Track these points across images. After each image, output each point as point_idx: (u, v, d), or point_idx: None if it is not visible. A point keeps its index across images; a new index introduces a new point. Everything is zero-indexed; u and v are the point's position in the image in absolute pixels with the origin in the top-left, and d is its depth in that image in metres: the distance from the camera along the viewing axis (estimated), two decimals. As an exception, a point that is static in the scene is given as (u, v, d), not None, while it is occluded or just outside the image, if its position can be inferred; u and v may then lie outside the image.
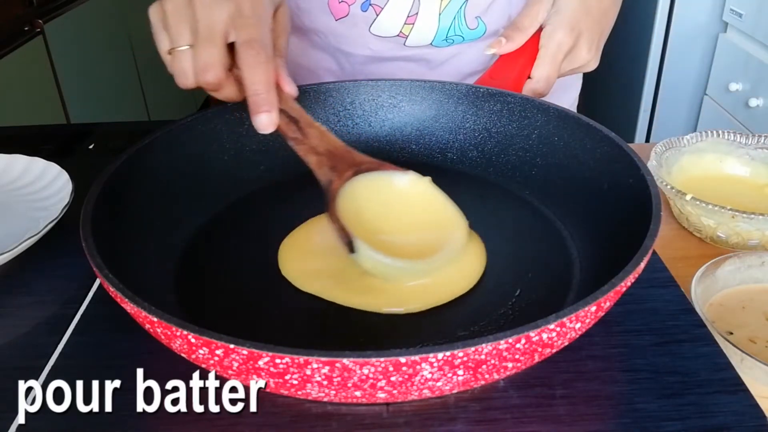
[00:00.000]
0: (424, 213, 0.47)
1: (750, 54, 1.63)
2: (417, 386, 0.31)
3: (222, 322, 0.36)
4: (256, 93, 0.43)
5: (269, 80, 0.44)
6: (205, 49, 0.44)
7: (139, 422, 0.36)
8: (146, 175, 0.48)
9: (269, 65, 0.44)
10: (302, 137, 0.46)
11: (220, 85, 0.45)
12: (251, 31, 0.44)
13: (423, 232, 0.47)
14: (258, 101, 0.43)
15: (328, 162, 0.46)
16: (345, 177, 0.46)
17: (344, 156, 0.47)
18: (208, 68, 0.44)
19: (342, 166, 0.46)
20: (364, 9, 0.69)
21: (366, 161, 0.47)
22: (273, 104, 0.44)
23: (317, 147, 0.47)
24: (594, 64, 0.63)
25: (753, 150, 0.65)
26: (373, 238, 0.44)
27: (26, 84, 1.61)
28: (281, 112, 0.45)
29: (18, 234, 0.52)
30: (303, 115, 0.47)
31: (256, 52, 0.43)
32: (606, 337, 0.41)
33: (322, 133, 0.47)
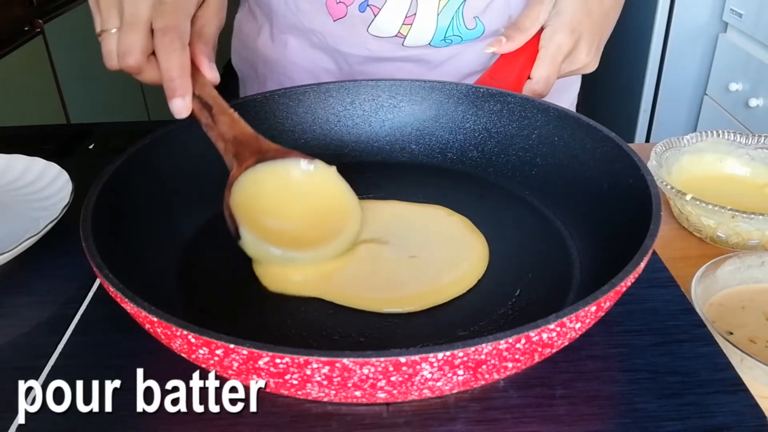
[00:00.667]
0: (323, 202, 0.48)
1: (750, 54, 1.63)
2: (417, 386, 0.31)
3: (222, 322, 0.36)
4: (171, 79, 0.44)
5: (183, 66, 0.45)
6: (127, 34, 0.45)
7: (139, 422, 0.36)
8: (146, 175, 0.48)
9: (184, 52, 0.45)
10: (213, 123, 0.47)
11: (140, 69, 0.46)
12: (167, 17, 0.45)
13: (318, 221, 0.48)
14: (172, 86, 0.45)
15: (232, 149, 0.47)
16: (246, 165, 0.47)
17: (250, 143, 0.47)
18: (128, 53, 0.45)
19: (245, 153, 0.47)
20: (362, 10, 0.69)
21: (272, 149, 0.48)
22: (187, 89, 0.45)
23: (225, 134, 0.47)
24: (593, 66, 0.64)
25: (753, 150, 0.65)
26: (266, 225, 0.46)
27: (26, 84, 1.61)
28: (197, 98, 0.47)
29: (18, 234, 0.52)
30: (218, 102, 0.48)
31: (170, 39, 0.44)
32: (606, 337, 0.41)
33: (233, 121, 0.48)
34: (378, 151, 0.59)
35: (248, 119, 0.56)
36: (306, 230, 0.47)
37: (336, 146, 0.59)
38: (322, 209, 0.48)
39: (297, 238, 0.46)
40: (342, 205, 0.48)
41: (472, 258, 0.47)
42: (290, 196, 0.48)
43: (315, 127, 0.59)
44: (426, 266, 0.47)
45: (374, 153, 0.59)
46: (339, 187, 0.49)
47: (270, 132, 0.57)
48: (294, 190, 0.48)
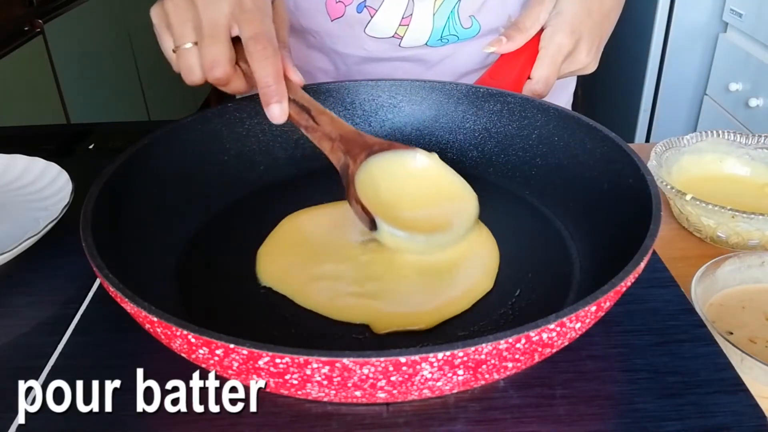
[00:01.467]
0: (435, 188, 0.49)
1: (750, 54, 1.63)
2: (417, 386, 0.31)
3: (222, 322, 0.36)
4: (267, 85, 0.45)
5: (278, 72, 0.45)
6: (211, 46, 0.45)
7: (139, 422, 0.36)
8: (146, 175, 0.48)
9: (276, 58, 0.45)
10: (315, 125, 0.48)
11: (229, 79, 0.47)
12: (256, 25, 0.45)
13: (436, 206, 0.48)
14: (269, 93, 0.45)
15: (341, 147, 0.48)
16: (359, 160, 0.47)
17: (356, 140, 0.48)
18: (216, 65, 0.45)
19: (355, 149, 0.48)
20: (359, 10, 0.69)
21: (377, 142, 0.49)
22: (283, 95, 0.45)
23: (330, 133, 0.48)
24: (593, 67, 0.64)
25: (753, 150, 0.65)
26: (390, 215, 0.46)
27: (26, 84, 1.61)
28: (292, 102, 0.47)
29: (18, 234, 0.52)
30: (313, 103, 0.49)
31: (263, 46, 0.45)
32: (606, 337, 0.41)
33: (332, 120, 0.49)
34: (378, 151, 0.59)
35: (248, 118, 0.56)
36: (428, 215, 0.48)
37: (336, 146, 0.59)
38: (438, 193, 0.49)
39: (421, 223, 0.47)
40: (454, 187, 0.49)
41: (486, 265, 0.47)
42: (407, 184, 0.49)
43: (315, 127, 0.59)
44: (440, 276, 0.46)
45: (374, 153, 0.59)
46: (446, 171, 0.50)
47: (270, 132, 0.57)
48: (408, 178, 0.49)
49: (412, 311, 0.43)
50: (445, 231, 0.47)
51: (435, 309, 0.43)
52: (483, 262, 0.47)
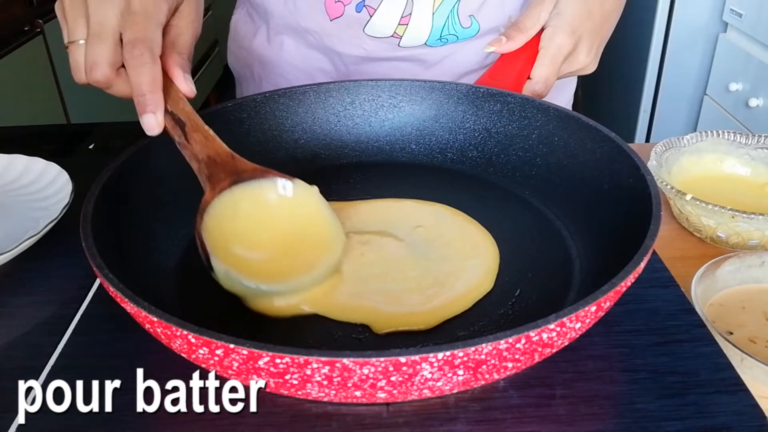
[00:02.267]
0: (302, 227, 0.45)
1: (750, 54, 1.63)
2: (417, 386, 0.31)
3: (222, 322, 0.36)
4: (141, 94, 0.42)
5: (153, 81, 0.42)
6: (94, 46, 0.43)
7: (139, 422, 0.36)
8: (146, 175, 0.48)
9: (155, 65, 0.42)
10: (186, 142, 0.44)
11: (109, 82, 0.44)
12: (137, 29, 0.42)
13: (297, 248, 0.45)
14: (143, 102, 0.42)
15: (206, 170, 0.44)
16: (220, 187, 0.43)
17: (225, 163, 0.44)
18: (95, 66, 0.43)
19: (220, 174, 0.44)
20: (358, 10, 0.69)
21: (248, 169, 0.45)
22: (158, 105, 0.42)
23: (198, 153, 0.44)
24: (593, 68, 0.64)
25: (753, 150, 0.65)
26: (239, 255, 0.43)
27: (26, 84, 1.61)
28: (169, 114, 0.44)
29: (18, 234, 0.52)
30: (191, 118, 0.45)
31: (140, 52, 0.42)
32: (606, 337, 0.41)
33: (206, 139, 0.45)
34: (378, 151, 0.59)
35: (248, 119, 0.56)
36: (283, 259, 0.44)
37: (336, 146, 0.59)
38: (302, 235, 0.45)
39: (273, 268, 0.43)
40: (323, 230, 0.45)
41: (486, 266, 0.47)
42: (267, 220, 0.45)
43: (315, 127, 0.59)
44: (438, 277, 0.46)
45: (374, 153, 0.59)
46: (320, 210, 0.46)
47: (270, 132, 0.57)
48: (271, 213, 0.45)
49: (412, 311, 0.43)
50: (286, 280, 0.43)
51: (435, 309, 0.43)
52: (483, 263, 0.47)
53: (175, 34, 0.45)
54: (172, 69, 0.44)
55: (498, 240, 0.49)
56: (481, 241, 0.49)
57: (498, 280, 0.46)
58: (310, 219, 0.45)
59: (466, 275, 0.46)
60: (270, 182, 0.45)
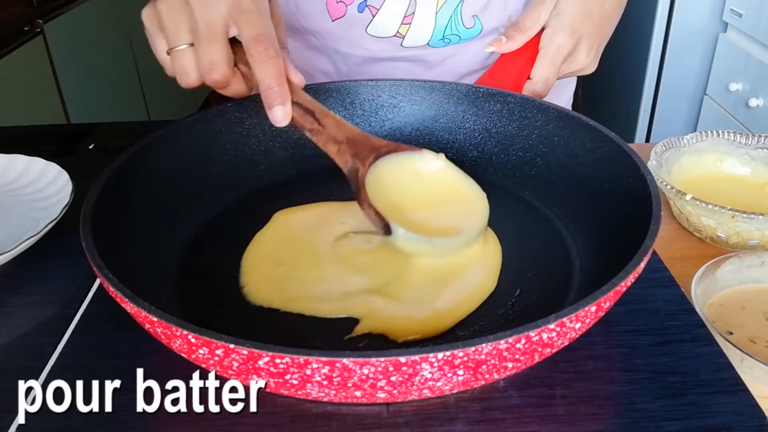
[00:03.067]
0: (445, 189, 0.48)
1: (750, 54, 1.63)
2: (417, 386, 0.31)
3: (222, 322, 0.36)
4: (269, 87, 0.44)
5: (280, 74, 0.44)
6: (209, 48, 0.44)
7: (139, 422, 0.36)
8: (146, 175, 0.48)
9: (278, 59, 0.44)
10: (320, 128, 0.47)
11: (227, 81, 0.45)
12: (257, 26, 0.44)
13: (446, 208, 0.48)
14: (271, 95, 0.44)
15: (349, 150, 0.47)
16: (368, 163, 0.47)
17: (363, 142, 0.47)
18: (214, 66, 0.44)
19: (363, 152, 0.47)
20: (360, 10, 0.69)
21: (384, 144, 0.48)
22: (286, 97, 0.44)
23: (336, 136, 0.47)
24: (592, 68, 0.64)
25: (753, 150, 0.65)
26: (401, 218, 0.45)
27: (26, 84, 1.61)
28: (296, 105, 0.46)
29: (18, 234, 0.52)
30: (317, 105, 0.48)
31: (265, 47, 0.43)
32: (606, 337, 0.41)
33: (338, 122, 0.48)
34: (378, 151, 0.59)
35: (248, 118, 0.56)
36: (440, 217, 0.47)
37: (336, 146, 0.59)
38: (448, 195, 0.48)
39: (433, 225, 0.46)
40: (463, 187, 0.49)
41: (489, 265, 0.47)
42: (416, 186, 0.48)
43: (315, 127, 0.59)
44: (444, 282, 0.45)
45: (374, 153, 0.59)
46: (454, 171, 0.49)
47: (270, 132, 0.57)
48: (417, 180, 0.48)
49: (423, 317, 0.42)
50: (458, 233, 0.46)
51: (444, 314, 0.42)
52: (489, 262, 0.47)
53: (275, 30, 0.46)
54: (285, 62, 0.46)
55: (498, 240, 0.49)
56: (486, 241, 0.49)
57: (498, 280, 0.46)
58: (450, 180, 0.49)
59: (471, 276, 0.45)
60: (408, 154, 0.48)
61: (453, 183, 0.49)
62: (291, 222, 0.51)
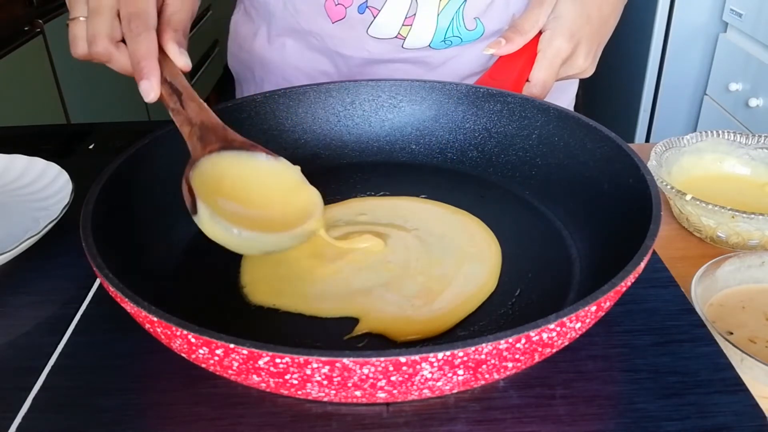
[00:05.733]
0: (284, 196, 0.48)
1: (750, 54, 1.63)
2: (417, 386, 0.31)
3: (222, 322, 0.36)
4: (137, 61, 0.46)
5: (149, 50, 0.46)
6: (94, 21, 0.46)
7: (139, 422, 0.36)
8: (146, 175, 0.48)
9: (149, 35, 0.46)
10: (180, 108, 0.48)
11: (109, 55, 0.47)
12: (132, 4, 0.46)
13: (278, 212, 0.47)
14: (139, 69, 0.45)
15: (197, 132, 0.47)
16: (210, 149, 0.47)
17: (216, 130, 0.48)
18: (95, 38, 0.47)
19: (210, 138, 0.47)
20: (361, 11, 0.69)
21: (238, 140, 0.48)
22: (152, 72, 0.45)
23: (192, 118, 0.48)
24: (590, 71, 0.64)
25: (753, 150, 0.65)
26: (223, 206, 0.45)
27: (26, 84, 1.61)
28: (167, 84, 0.48)
29: (18, 234, 0.52)
30: (189, 90, 0.48)
31: (136, 24, 0.46)
32: (606, 337, 0.41)
33: (201, 108, 0.48)
34: (378, 151, 0.59)
35: (248, 119, 0.56)
36: (264, 218, 0.46)
37: (336, 146, 0.59)
38: (283, 202, 0.47)
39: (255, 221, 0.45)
40: (303, 202, 0.48)
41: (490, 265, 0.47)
42: (252, 185, 0.47)
43: (315, 127, 0.59)
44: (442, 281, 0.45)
45: (374, 153, 0.59)
46: (303, 185, 0.48)
47: (270, 132, 0.57)
48: (256, 180, 0.48)
49: (423, 317, 0.42)
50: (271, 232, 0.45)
51: (444, 314, 0.42)
52: (489, 262, 0.47)
53: (170, 12, 0.49)
54: (168, 43, 0.48)
55: (498, 240, 0.49)
56: (483, 239, 0.49)
57: (498, 280, 0.46)
58: (293, 188, 0.48)
59: (471, 275, 0.45)
60: (257, 155, 0.48)
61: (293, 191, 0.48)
62: None
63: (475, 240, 0.49)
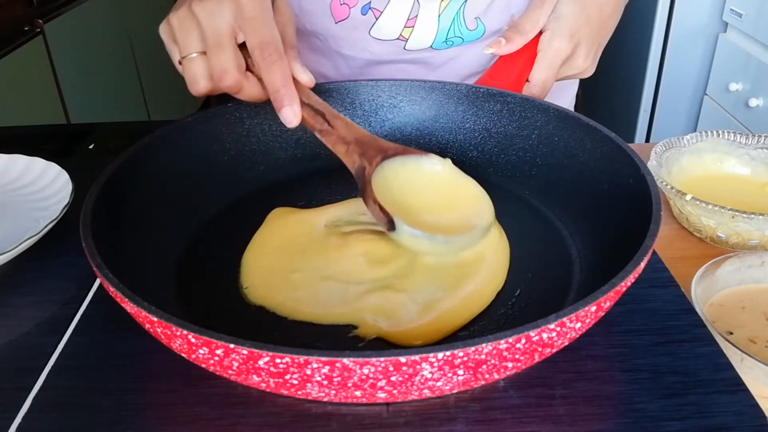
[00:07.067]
0: (450, 193, 0.49)
1: (750, 54, 1.63)
2: (417, 386, 0.31)
3: (223, 322, 0.36)
4: (276, 90, 0.45)
5: (285, 76, 0.45)
6: (218, 55, 0.45)
7: (139, 422, 0.36)
8: (146, 175, 0.48)
9: (283, 62, 0.46)
10: (330, 128, 0.49)
11: (240, 86, 0.47)
12: (260, 32, 0.45)
13: (451, 210, 0.48)
14: (279, 98, 0.45)
15: (357, 149, 0.48)
16: (375, 163, 0.48)
17: (371, 143, 0.49)
18: (224, 73, 0.46)
19: (371, 152, 0.48)
20: (363, 12, 0.69)
21: (392, 147, 0.49)
22: (293, 98, 0.46)
23: (345, 137, 0.49)
24: (590, 72, 0.64)
25: (753, 150, 0.65)
26: (407, 217, 0.46)
27: (26, 84, 1.61)
28: (306, 107, 0.48)
29: (18, 234, 0.52)
30: (326, 107, 0.49)
31: (269, 53, 0.45)
32: (606, 337, 0.41)
33: (347, 124, 0.49)
34: (378, 151, 0.59)
35: (248, 119, 0.56)
36: (444, 219, 0.48)
37: (336, 146, 0.59)
38: (453, 198, 0.49)
39: (437, 226, 0.47)
40: (468, 191, 0.49)
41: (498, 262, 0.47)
42: (421, 188, 0.49)
43: (315, 127, 0.59)
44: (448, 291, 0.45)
45: (374, 153, 0.59)
46: (460, 176, 0.50)
47: (270, 132, 0.57)
48: (423, 182, 0.49)
49: (431, 320, 0.42)
50: (461, 233, 0.47)
51: (446, 321, 0.42)
52: (497, 262, 0.47)
53: (281, 31, 0.48)
54: (292, 63, 0.47)
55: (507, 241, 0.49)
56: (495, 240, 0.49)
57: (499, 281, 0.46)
58: (456, 184, 0.50)
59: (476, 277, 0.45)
60: (414, 157, 0.49)
61: (459, 187, 0.49)
62: (291, 221, 0.51)
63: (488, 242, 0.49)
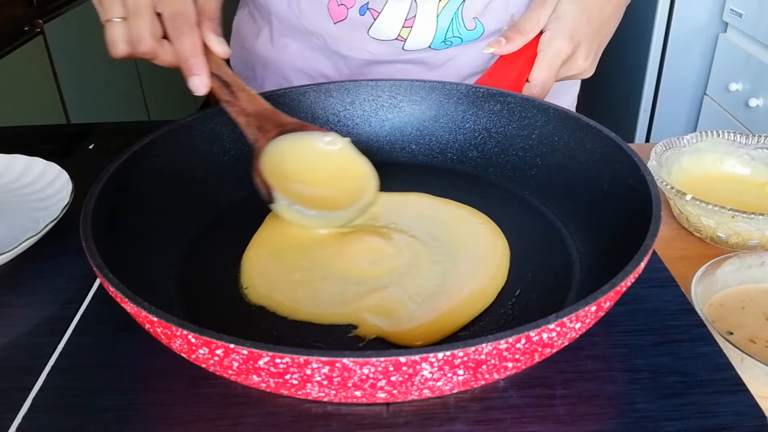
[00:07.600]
0: (341, 169, 0.52)
1: (750, 54, 1.63)
2: (417, 386, 0.31)
3: (223, 322, 0.36)
4: (185, 59, 0.47)
5: (194, 46, 0.47)
6: (135, 22, 0.47)
7: (139, 422, 0.36)
8: (146, 174, 0.48)
9: (193, 32, 0.48)
10: (233, 99, 0.50)
11: (155, 53, 0.48)
12: (173, 3, 0.47)
13: (339, 185, 0.51)
14: (188, 66, 0.47)
15: (255, 122, 0.50)
16: (269, 136, 0.50)
17: (271, 117, 0.51)
18: (141, 39, 0.48)
19: (268, 126, 0.50)
20: (361, 13, 0.69)
21: (291, 122, 0.51)
22: (201, 67, 0.48)
23: (246, 109, 0.50)
24: (590, 72, 0.64)
25: (753, 150, 0.65)
26: (293, 190, 0.49)
27: (26, 84, 1.61)
28: (215, 77, 0.49)
29: (18, 234, 0.52)
30: (235, 79, 0.51)
31: (180, 23, 0.47)
32: (606, 337, 0.41)
33: (251, 97, 0.51)
34: (378, 151, 0.59)
35: (248, 119, 0.56)
36: (330, 194, 0.50)
37: (336, 146, 0.59)
38: (343, 175, 0.51)
39: (323, 201, 0.49)
40: (360, 171, 0.51)
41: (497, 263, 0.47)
42: (313, 164, 0.51)
43: (315, 127, 0.59)
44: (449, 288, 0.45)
45: (374, 153, 0.59)
46: (354, 155, 0.52)
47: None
48: (315, 159, 0.51)
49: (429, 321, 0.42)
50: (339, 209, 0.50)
51: (448, 318, 0.42)
52: (497, 262, 0.47)
53: (202, 2, 0.49)
54: (205, 33, 0.49)
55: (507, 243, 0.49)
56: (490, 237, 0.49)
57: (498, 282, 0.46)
58: (348, 162, 0.52)
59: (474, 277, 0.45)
60: (311, 134, 0.51)
61: (350, 163, 0.52)
62: None
63: (481, 239, 0.49)
